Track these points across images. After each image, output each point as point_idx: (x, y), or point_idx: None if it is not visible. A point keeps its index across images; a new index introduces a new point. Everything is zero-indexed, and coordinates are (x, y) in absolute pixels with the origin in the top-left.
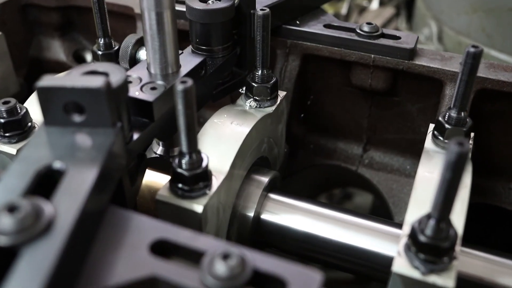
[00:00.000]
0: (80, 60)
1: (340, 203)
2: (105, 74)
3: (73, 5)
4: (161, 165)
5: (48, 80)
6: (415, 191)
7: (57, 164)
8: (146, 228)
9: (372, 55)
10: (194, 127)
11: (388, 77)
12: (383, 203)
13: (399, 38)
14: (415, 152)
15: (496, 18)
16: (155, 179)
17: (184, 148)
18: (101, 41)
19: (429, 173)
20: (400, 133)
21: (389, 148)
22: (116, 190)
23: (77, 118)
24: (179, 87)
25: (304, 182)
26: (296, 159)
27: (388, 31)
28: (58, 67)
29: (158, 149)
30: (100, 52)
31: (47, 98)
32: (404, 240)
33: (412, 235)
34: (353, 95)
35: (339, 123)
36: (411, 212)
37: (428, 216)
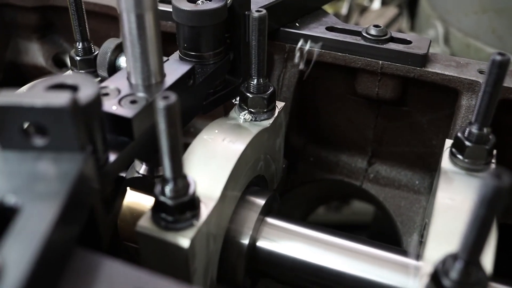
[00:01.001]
0: (61, 64)
1: (337, 210)
2: (74, 87)
3: (52, 5)
4: (144, 185)
5: (3, 97)
6: (435, 222)
7: (11, 199)
8: (120, 278)
9: (380, 61)
10: (179, 149)
11: (397, 86)
12: (390, 220)
13: (410, 42)
14: (425, 166)
15: (508, 19)
16: (138, 200)
17: (168, 173)
18: (79, 46)
19: (450, 200)
20: (408, 145)
21: (397, 161)
22: (88, 220)
23: (38, 141)
24: (160, 104)
25: (303, 197)
26: (294, 173)
27: (398, 34)
28: (37, 72)
29: (141, 168)
30: (78, 58)
31: (3, 118)
32: (424, 280)
33: (435, 278)
34: (358, 104)
35: (342, 134)
36: (431, 247)
37: (454, 257)
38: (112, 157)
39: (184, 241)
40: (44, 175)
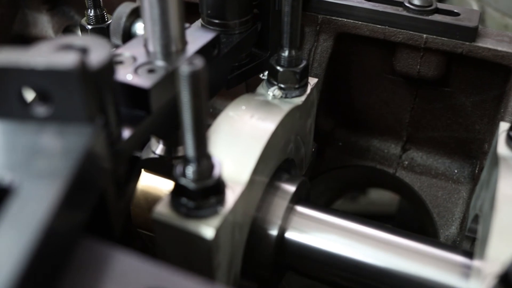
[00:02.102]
0: None
1: (353, 200)
2: (84, 49)
3: None
4: (161, 167)
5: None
6: (498, 215)
7: (5, 177)
8: (133, 275)
9: (424, 35)
10: (204, 124)
11: (441, 63)
12: (426, 212)
13: (457, 14)
14: (465, 153)
15: None
16: (153, 184)
17: (190, 152)
18: (91, 13)
19: None
20: (449, 130)
21: (434, 148)
22: (97, 206)
23: (40, 110)
24: (185, 69)
25: (328, 185)
26: (322, 158)
27: (443, 5)
28: None
29: (158, 148)
30: (89, 27)
31: None
32: (489, 282)
33: (506, 280)
34: (395, 84)
35: (375, 117)
36: (495, 244)
37: None
38: (126, 133)
39: (208, 230)
40: (46, 150)
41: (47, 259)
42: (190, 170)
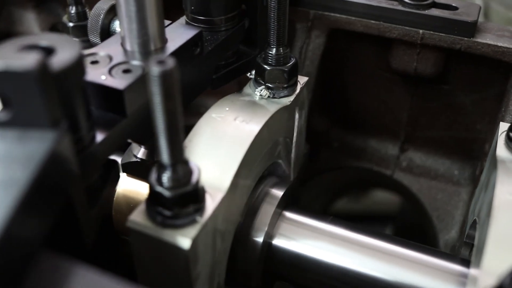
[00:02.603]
0: None
1: (356, 199)
2: (50, 50)
3: None
4: (143, 171)
5: None
6: (495, 222)
7: None
8: None
9: (421, 31)
10: (178, 127)
11: (439, 60)
12: (424, 215)
13: (456, 8)
14: (466, 154)
15: None
16: (135, 188)
17: (165, 158)
18: (72, 10)
19: None
20: (448, 130)
21: (433, 148)
22: (66, 214)
23: None
24: (155, 70)
25: (324, 187)
26: (316, 160)
27: None
28: None
29: (140, 152)
30: (71, 24)
31: None
32: None
33: None
34: (392, 82)
35: (372, 117)
36: (491, 254)
37: None
38: (100, 137)
39: (184, 241)
40: (4, 156)
41: (3, 271)
42: (165, 177)
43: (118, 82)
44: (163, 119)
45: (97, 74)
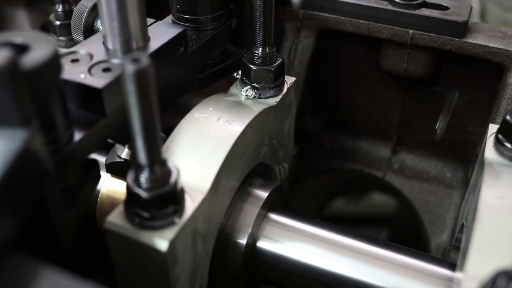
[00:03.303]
0: None
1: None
2: (24, 47)
3: None
4: (126, 172)
5: None
6: (480, 225)
7: None
8: None
9: (411, 31)
10: (155, 127)
11: (430, 60)
12: (416, 218)
13: (446, 8)
14: (458, 156)
15: None
16: (118, 189)
17: (142, 158)
18: (59, 9)
19: (498, 199)
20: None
21: (426, 150)
22: (40, 215)
23: None
24: (129, 68)
25: (316, 189)
26: (308, 162)
27: None
28: None
29: (123, 153)
30: (58, 23)
31: None
32: None
33: None
34: (383, 83)
35: (363, 118)
36: (474, 258)
37: (510, 276)
38: (78, 136)
39: (161, 243)
40: None
41: None
42: (143, 178)
43: (97, 80)
44: (139, 119)
45: (76, 73)
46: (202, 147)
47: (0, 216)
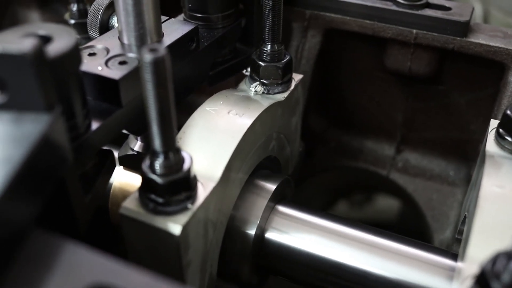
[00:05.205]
0: None
1: (359, 207)
2: (48, 38)
3: None
4: (139, 164)
5: None
6: (481, 212)
7: None
8: (81, 267)
9: (414, 31)
10: (170, 115)
11: (433, 59)
12: (420, 216)
13: (449, 8)
14: (461, 154)
15: None
16: (131, 181)
17: (157, 145)
18: (74, 8)
19: (498, 188)
20: (443, 130)
21: (429, 149)
22: (59, 198)
23: None
24: (147, 57)
25: (321, 187)
26: (313, 159)
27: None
28: None
29: (136, 145)
30: (72, 21)
31: None
32: (468, 283)
33: (482, 280)
34: (387, 82)
35: (368, 117)
36: (475, 243)
37: (509, 256)
38: (95, 125)
39: (175, 227)
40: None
41: None
42: (157, 164)
43: (114, 72)
44: (155, 106)
45: (94, 65)
46: (213, 138)
47: (25, 192)
